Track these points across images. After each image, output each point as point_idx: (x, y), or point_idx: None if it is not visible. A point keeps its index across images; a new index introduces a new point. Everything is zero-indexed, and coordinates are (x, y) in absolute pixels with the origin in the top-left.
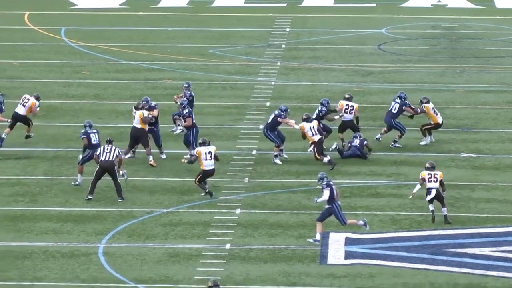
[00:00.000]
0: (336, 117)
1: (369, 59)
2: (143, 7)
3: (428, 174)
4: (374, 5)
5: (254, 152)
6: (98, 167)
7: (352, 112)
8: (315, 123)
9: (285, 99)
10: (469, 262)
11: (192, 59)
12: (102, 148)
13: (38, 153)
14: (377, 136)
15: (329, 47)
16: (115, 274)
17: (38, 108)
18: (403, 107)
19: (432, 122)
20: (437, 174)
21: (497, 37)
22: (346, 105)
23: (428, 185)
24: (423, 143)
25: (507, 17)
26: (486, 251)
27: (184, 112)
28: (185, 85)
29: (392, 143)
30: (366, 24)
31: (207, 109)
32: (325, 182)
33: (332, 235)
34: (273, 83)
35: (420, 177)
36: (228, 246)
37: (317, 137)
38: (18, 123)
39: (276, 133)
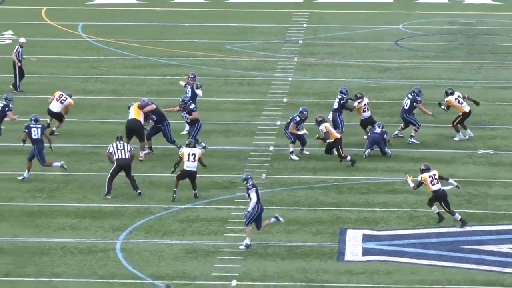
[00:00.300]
0: (355, 104)
1: (386, 55)
2: (160, 2)
3: (429, 177)
4: (391, 0)
5: (271, 148)
6: (114, 165)
7: (369, 109)
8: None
9: (302, 95)
10: (486, 259)
11: (209, 55)
12: (114, 146)
13: (56, 149)
14: (395, 133)
15: (346, 43)
16: (132, 270)
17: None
18: (414, 104)
19: (459, 113)
20: (435, 174)
21: None
22: (364, 104)
23: (433, 188)
24: (456, 138)
25: None
26: (504, 248)
27: (191, 107)
28: (190, 76)
29: (409, 139)
30: (383, 20)
31: (224, 105)
32: (250, 183)
33: (349, 232)
34: (290, 79)
35: (420, 180)
36: (244, 242)
37: (338, 134)
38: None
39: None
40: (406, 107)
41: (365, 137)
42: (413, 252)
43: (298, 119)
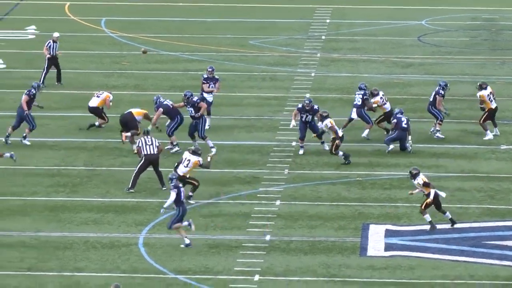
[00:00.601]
0: (373, 101)
1: (409, 51)
2: None
3: (425, 177)
4: None
5: (293, 143)
6: (142, 160)
7: (387, 101)
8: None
9: (325, 91)
10: (509, 254)
11: (231, 50)
12: (143, 140)
13: (78, 144)
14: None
15: (369, 38)
16: (155, 265)
17: (111, 103)
18: (436, 96)
19: (486, 109)
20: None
21: None
22: (381, 97)
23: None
24: (486, 138)
25: None
26: None
27: (194, 99)
28: (209, 69)
29: (434, 131)
30: (406, 15)
31: (246, 100)
32: (173, 184)
33: (372, 227)
34: (313, 74)
35: (423, 182)
36: (268, 237)
37: (340, 132)
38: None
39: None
40: (431, 99)
41: (388, 131)
42: (435, 248)
43: (300, 106)
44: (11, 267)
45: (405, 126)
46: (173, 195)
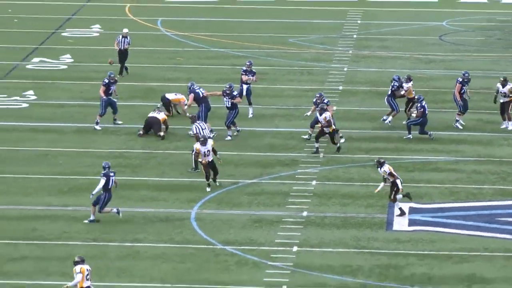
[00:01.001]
0: (402, 92)
1: (431, 49)
2: (231, 0)
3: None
4: (436, 0)
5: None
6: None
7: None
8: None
9: (356, 84)
10: None
11: (273, 47)
12: (198, 125)
13: (136, 130)
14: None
15: (395, 37)
16: (205, 237)
17: (186, 107)
18: (456, 84)
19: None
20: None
21: None
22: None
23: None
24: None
25: None
26: None
27: (234, 93)
28: (247, 63)
29: (454, 123)
30: (429, 17)
31: (286, 92)
32: (104, 172)
33: (397, 205)
34: (345, 69)
35: (388, 172)
36: (305, 213)
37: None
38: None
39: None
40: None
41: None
42: (453, 223)
43: (314, 100)
44: (80, 238)
45: (426, 116)
46: (102, 182)
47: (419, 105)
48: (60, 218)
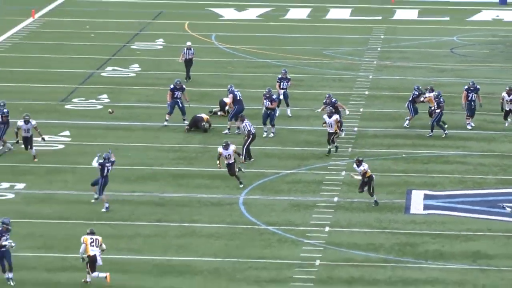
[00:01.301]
0: (422, 99)
1: (444, 60)
2: (274, 18)
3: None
4: (447, 18)
5: (355, 129)
6: (250, 137)
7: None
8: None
9: (379, 89)
10: None
11: (310, 58)
12: (247, 122)
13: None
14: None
15: (413, 50)
16: (251, 219)
17: (227, 107)
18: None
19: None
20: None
21: None
22: (435, 96)
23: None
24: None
25: None
26: None
27: (274, 96)
28: (282, 71)
29: (467, 125)
30: (441, 32)
31: (320, 96)
32: (101, 161)
33: (414, 192)
34: (370, 77)
35: (367, 169)
36: (335, 199)
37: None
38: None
39: None
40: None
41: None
42: (462, 208)
43: (324, 100)
44: (145, 219)
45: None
46: (98, 169)
47: (437, 99)
48: (128, 203)
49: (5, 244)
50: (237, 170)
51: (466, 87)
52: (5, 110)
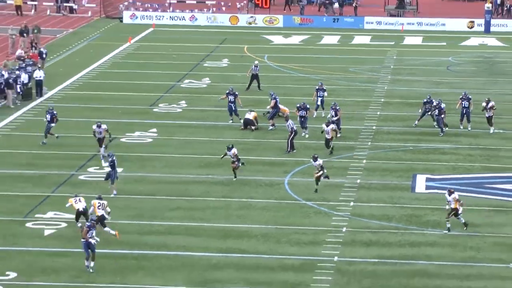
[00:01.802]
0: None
1: (442, 75)
2: (312, 43)
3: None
4: (444, 43)
5: (374, 127)
6: (293, 133)
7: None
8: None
9: (393, 97)
10: (499, 192)
11: (339, 74)
12: (291, 122)
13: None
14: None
15: (418, 67)
16: (294, 195)
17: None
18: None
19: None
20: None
21: None
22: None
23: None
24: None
25: None
26: (508, 186)
27: (307, 106)
28: (319, 84)
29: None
30: (440, 54)
31: (347, 102)
32: (110, 159)
33: (418, 176)
34: (385, 88)
35: (322, 164)
36: (358, 181)
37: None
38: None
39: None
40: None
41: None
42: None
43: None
44: (215, 195)
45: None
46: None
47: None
48: (202, 183)
49: (92, 241)
50: (240, 165)
51: (460, 96)
52: (54, 112)
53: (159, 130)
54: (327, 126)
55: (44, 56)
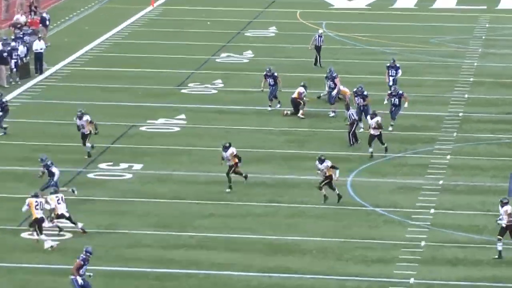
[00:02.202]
0: None
1: None
2: (382, 7)
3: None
4: None
5: (460, 114)
6: (355, 123)
7: None
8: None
9: (484, 76)
10: None
11: (417, 46)
12: (352, 113)
13: (304, 113)
14: None
15: None
16: (358, 199)
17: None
18: None
19: None
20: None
21: None
22: None
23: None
24: None
25: None
26: None
27: (364, 93)
28: (391, 61)
29: None
30: None
31: (426, 82)
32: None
33: None
34: (475, 64)
35: (330, 166)
36: (441, 182)
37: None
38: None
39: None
40: None
41: None
42: None
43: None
44: (257, 200)
45: None
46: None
47: None
48: (241, 184)
49: (83, 275)
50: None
51: None
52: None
53: (189, 117)
54: (372, 118)
55: (47, 23)
